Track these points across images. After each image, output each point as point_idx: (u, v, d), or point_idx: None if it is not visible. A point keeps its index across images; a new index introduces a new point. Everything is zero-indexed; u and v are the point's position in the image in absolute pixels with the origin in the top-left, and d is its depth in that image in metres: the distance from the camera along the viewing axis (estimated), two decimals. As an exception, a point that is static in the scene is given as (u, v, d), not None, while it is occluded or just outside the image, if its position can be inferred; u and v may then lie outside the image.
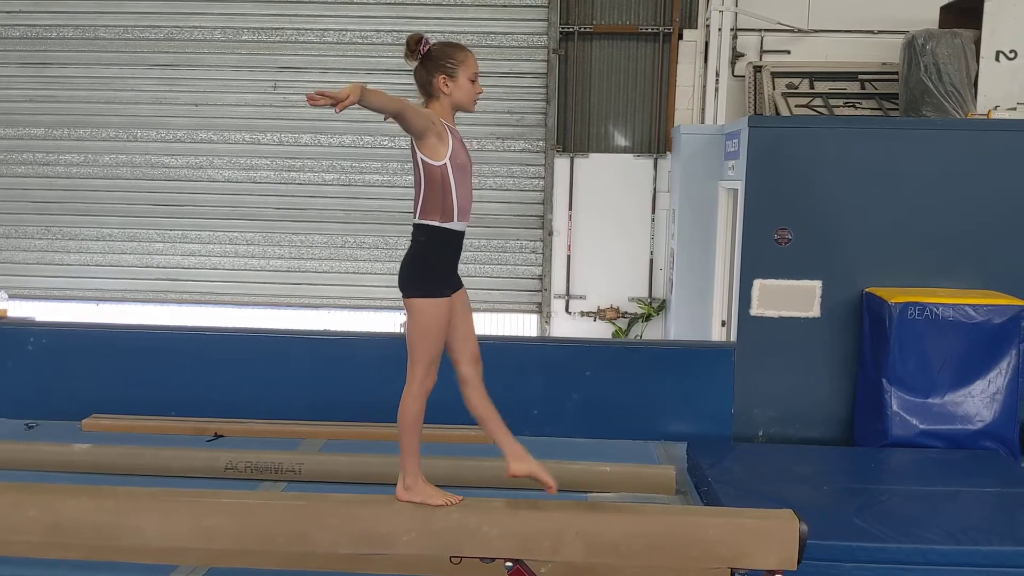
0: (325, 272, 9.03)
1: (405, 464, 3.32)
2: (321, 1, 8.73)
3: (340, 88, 2.94)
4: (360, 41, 8.76)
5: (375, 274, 8.99)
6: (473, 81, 3.44)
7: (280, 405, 5.86)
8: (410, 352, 3.38)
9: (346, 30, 8.77)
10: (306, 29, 8.78)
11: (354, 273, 9.01)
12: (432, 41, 3.43)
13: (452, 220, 3.33)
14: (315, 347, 6.10)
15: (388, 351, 6.06)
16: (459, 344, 3.46)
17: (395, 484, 3.29)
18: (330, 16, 8.75)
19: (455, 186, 3.31)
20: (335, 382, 5.91)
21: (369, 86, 3.04)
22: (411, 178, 9.74)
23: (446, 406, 3.75)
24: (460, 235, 3.41)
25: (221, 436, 5.66)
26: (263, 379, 5.94)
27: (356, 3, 8.73)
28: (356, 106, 2.96)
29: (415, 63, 3.42)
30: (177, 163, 9.01)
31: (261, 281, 9.07)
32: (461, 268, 3.53)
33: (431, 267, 3.34)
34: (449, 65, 3.39)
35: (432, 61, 3.40)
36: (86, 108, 9.00)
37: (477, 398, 3.46)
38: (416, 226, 3.37)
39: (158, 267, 9.16)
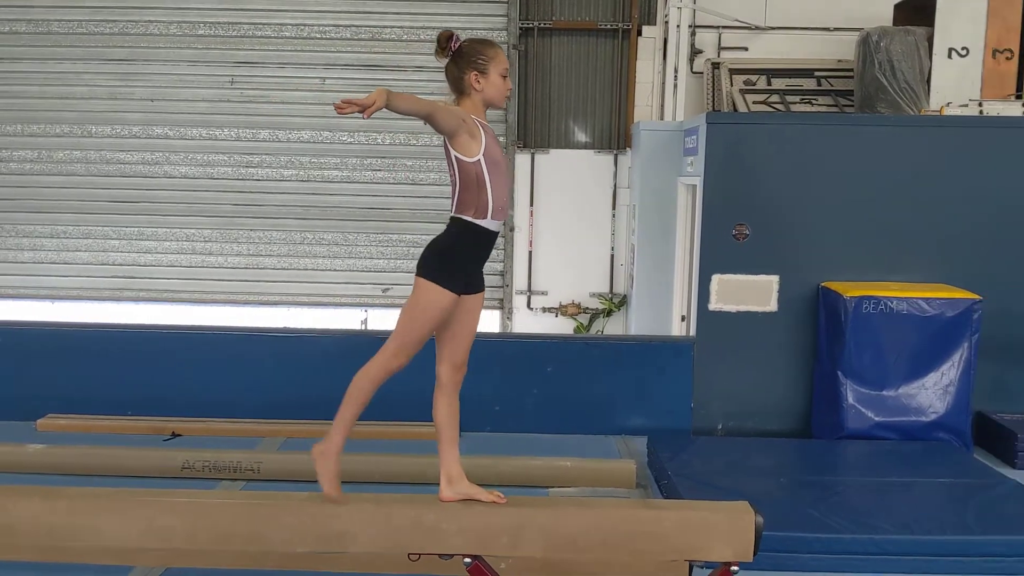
0: (284, 269, 8.96)
1: (333, 435, 3.31)
2: (278, -5, 8.66)
3: (366, 95, 2.95)
4: (319, 36, 8.70)
5: (335, 271, 8.95)
6: (504, 77, 3.43)
7: (239, 403, 5.81)
8: (395, 330, 3.35)
9: (304, 24, 8.70)
10: (263, 23, 8.70)
11: (313, 270, 8.96)
12: (462, 38, 3.42)
13: (486, 217, 3.30)
14: (274, 344, 6.06)
15: (348, 348, 6.04)
16: (449, 345, 3.43)
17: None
18: (288, 10, 8.68)
19: (490, 183, 3.29)
20: (294, 380, 5.87)
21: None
22: (371, 174, 9.77)
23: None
24: (493, 235, 3.37)
25: (179, 435, 5.61)
26: (222, 377, 5.89)
27: (314, -3, 8.67)
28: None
29: (445, 60, 3.41)
30: (132, 159, 8.90)
31: (219, 278, 8.99)
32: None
33: (453, 257, 3.31)
34: (480, 61, 3.38)
35: (463, 58, 3.39)
36: (39, 104, 8.86)
37: (443, 405, 3.44)
38: (452, 218, 3.34)
39: (114, 264, 9.04)
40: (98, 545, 3.17)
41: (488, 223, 3.32)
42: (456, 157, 3.28)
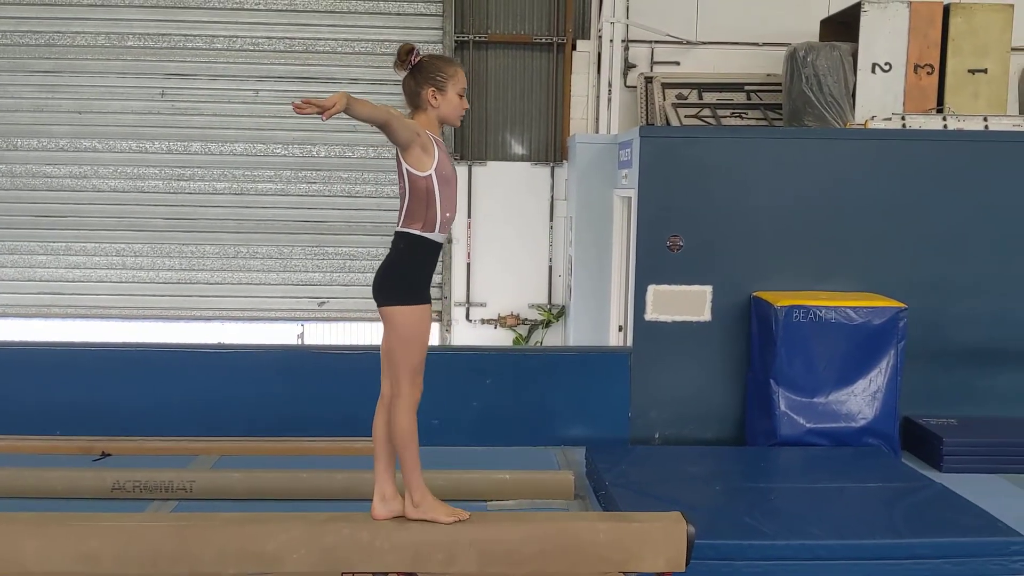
0: (217, 283, 8.82)
1: (410, 481, 3.26)
2: (210, 7, 8.54)
3: (327, 96, 2.93)
4: (251, 48, 8.61)
5: (269, 284, 8.84)
6: (461, 96, 3.42)
7: (172, 421, 5.69)
8: (391, 365, 3.33)
9: (236, 36, 8.59)
10: (194, 35, 8.58)
11: (247, 284, 8.83)
12: (423, 53, 3.41)
13: (434, 231, 3.31)
14: (208, 361, 5.95)
15: (284, 363, 5.98)
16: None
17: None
18: (219, 22, 8.57)
19: (439, 197, 3.29)
20: (228, 396, 5.77)
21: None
22: (306, 186, 9.68)
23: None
24: (439, 246, 3.39)
25: (109, 455, 5.46)
26: (153, 395, 5.76)
27: (247, 9, 8.58)
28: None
29: (403, 73, 3.39)
30: (59, 172, 8.69)
31: (151, 293, 8.81)
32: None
33: (409, 274, 3.31)
34: (439, 78, 3.38)
35: (422, 73, 3.38)
36: (-39, 116, 8.61)
37: (383, 422, 3.43)
38: (397, 234, 3.34)
39: (40, 280, 8.81)
40: (22, 571, 3.08)
41: (435, 236, 3.33)
42: (408, 170, 3.28)
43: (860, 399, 5.59)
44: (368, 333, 8.90)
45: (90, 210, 8.72)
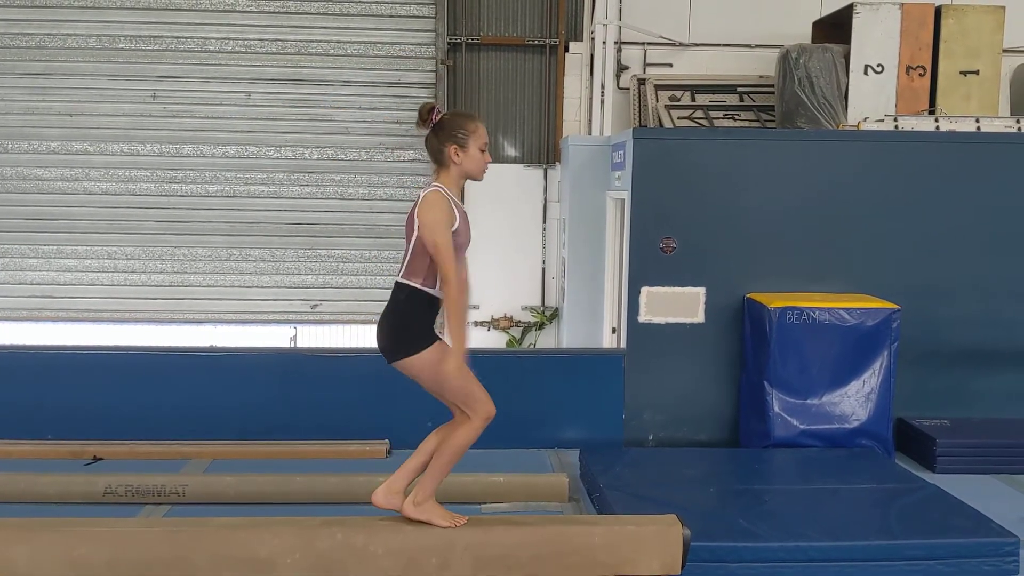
0: (209, 286, 8.79)
1: (427, 484, 3.28)
2: (202, 9, 8.52)
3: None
4: (243, 50, 8.59)
5: (262, 287, 8.81)
6: (483, 151, 3.43)
7: (164, 425, 5.67)
8: (451, 399, 3.37)
9: (228, 38, 8.57)
10: (186, 37, 8.56)
11: (240, 287, 8.80)
12: (443, 111, 3.42)
13: (435, 287, 3.31)
14: (200, 364, 5.93)
15: (276, 366, 5.97)
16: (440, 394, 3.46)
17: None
18: (211, 24, 8.55)
19: None
20: (221, 399, 5.75)
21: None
22: (299, 189, 9.64)
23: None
24: (439, 300, 3.40)
25: (100, 459, 5.44)
26: (145, 398, 5.74)
27: (239, 11, 8.56)
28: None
29: (426, 131, 3.40)
30: (51, 175, 8.66)
31: (142, 296, 8.78)
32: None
33: (411, 325, 3.32)
34: (460, 135, 3.39)
35: (443, 131, 3.40)
36: (-49, 119, 8.57)
37: (438, 439, 3.46)
38: (397, 284, 3.35)
39: (32, 284, 8.77)
40: (13, 577, 3.06)
41: (436, 292, 3.34)
42: (422, 235, 3.28)
43: (854, 400, 5.60)
44: (361, 335, 8.89)
45: (81, 213, 8.69)
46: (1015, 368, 6.04)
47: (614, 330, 7.16)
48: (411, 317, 3.33)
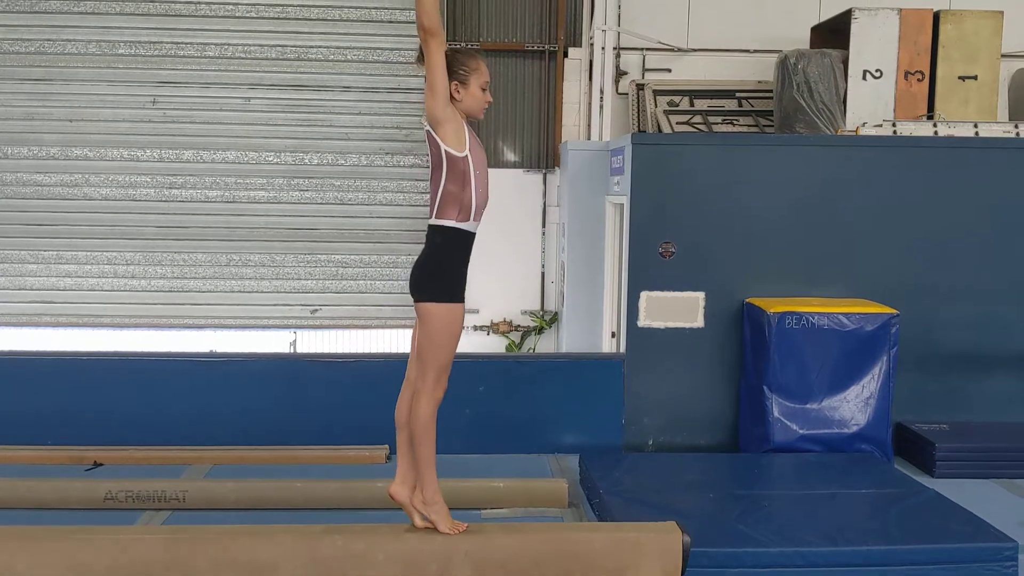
0: (209, 291, 8.79)
1: (423, 475, 3.26)
2: (201, 15, 8.53)
3: None
4: (243, 55, 8.59)
5: (262, 292, 8.81)
6: (484, 90, 3.43)
7: (164, 430, 5.68)
8: (421, 358, 3.32)
9: (228, 44, 8.58)
10: (186, 43, 8.56)
11: (240, 292, 8.80)
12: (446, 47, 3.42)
13: (469, 219, 3.32)
14: (200, 369, 5.94)
15: (276, 371, 5.98)
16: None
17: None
18: (211, 30, 8.55)
19: (475, 180, 3.29)
20: (221, 405, 5.77)
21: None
22: (299, 194, 9.63)
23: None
24: (473, 236, 3.40)
25: (101, 464, 5.45)
26: (145, 404, 5.75)
27: (238, 16, 8.56)
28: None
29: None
30: (51, 181, 8.65)
31: (142, 302, 8.77)
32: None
33: (447, 270, 3.31)
34: (462, 72, 3.39)
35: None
36: (-49, 125, 8.57)
37: (407, 408, 3.43)
38: (432, 228, 3.34)
39: (31, 289, 8.76)
40: (13, 584, 3.07)
41: (470, 225, 3.35)
42: (446, 151, 3.28)
43: (853, 405, 5.61)
44: (361, 340, 8.89)
45: (81, 218, 8.69)
46: (1013, 372, 6.06)
47: (613, 335, 7.17)
48: (446, 261, 3.32)
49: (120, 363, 5.96)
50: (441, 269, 3.31)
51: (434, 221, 3.33)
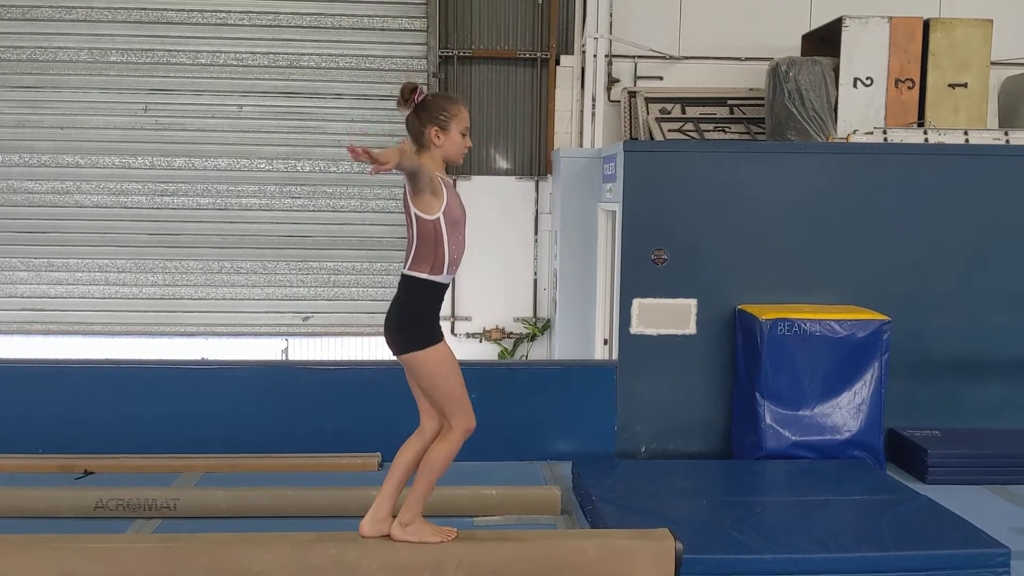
0: (201, 299, 8.77)
1: (412, 505, 3.28)
2: (193, 22, 8.53)
3: (383, 150, 2.98)
4: (235, 63, 8.59)
5: (253, 300, 8.79)
6: (464, 135, 3.45)
7: (155, 438, 5.65)
8: (437, 402, 3.35)
9: (220, 51, 8.57)
10: (178, 50, 8.55)
11: (231, 299, 8.79)
12: (426, 92, 3.45)
13: (441, 273, 3.33)
14: (191, 377, 5.92)
15: (269, 379, 5.96)
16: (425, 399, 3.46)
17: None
18: (203, 37, 8.55)
19: (447, 240, 3.33)
20: (212, 413, 5.74)
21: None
22: (291, 201, 9.64)
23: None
24: (445, 287, 3.42)
25: (91, 473, 5.42)
26: (136, 412, 5.72)
27: (230, 24, 8.56)
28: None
29: (407, 111, 3.41)
30: (42, 188, 8.63)
31: (133, 309, 8.75)
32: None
33: (423, 320, 3.33)
34: (443, 118, 3.40)
35: (426, 112, 3.41)
36: (-59, 132, 8.55)
37: (414, 452, 3.45)
38: (404, 277, 3.36)
39: (22, 297, 8.73)
40: (3, 594, 3.05)
41: (442, 278, 3.35)
42: (416, 214, 3.30)
43: (845, 411, 5.62)
44: (353, 348, 8.88)
45: (72, 226, 8.67)
46: (1005, 378, 6.07)
47: (606, 342, 7.17)
48: (418, 310, 3.34)
49: (111, 371, 5.93)
50: (416, 317, 3.34)
51: (407, 272, 3.36)
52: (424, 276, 3.31)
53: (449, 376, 3.34)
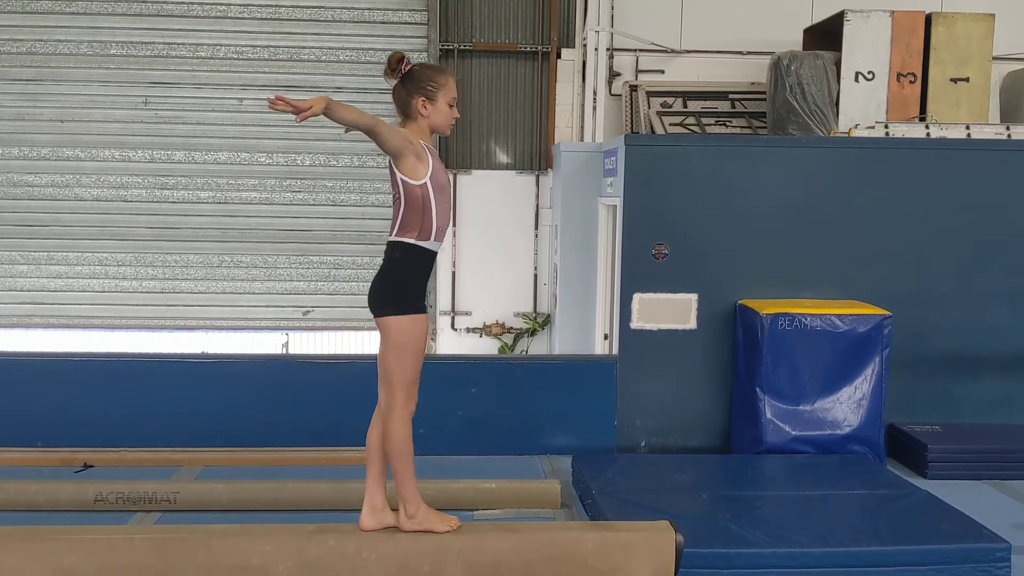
0: (201, 292, 8.77)
1: (404, 492, 3.26)
2: (193, 15, 8.52)
3: (305, 99, 2.91)
4: (235, 56, 8.58)
5: (254, 294, 8.79)
6: (451, 106, 3.42)
7: (155, 432, 5.65)
8: (387, 374, 3.32)
9: (220, 45, 8.56)
10: (178, 43, 8.55)
11: (231, 293, 8.79)
12: (413, 62, 3.41)
13: (429, 240, 3.31)
14: (191, 370, 5.91)
15: (269, 373, 5.95)
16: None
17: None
18: (203, 30, 8.54)
19: (435, 206, 3.29)
20: (213, 406, 5.74)
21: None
22: (291, 195, 9.65)
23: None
24: (434, 254, 3.39)
25: (91, 466, 5.42)
26: (136, 405, 5.72)
27: (230, 17, 8.55)
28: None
29: (394, 81, 3.38)
30: (41, 181, 8.63)
31: (133, 303, 8.75)
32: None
33: (407, 283, 3.30)
34: (430, 88, 3.37)
35: (412, 82, 3.38)
36: (-60, 125, 8.54)
37: (379, 433, 3.43)
38: (391, 243, 3.33)
39: (21, 290, 8.74)
40: (1, 586, 3.05)
41: (429, 244, 3.33)
42: (402, 179, 3.27)
43: (845, 406, 5.61)
44: (353, 342, 8.88)
45: (72, 219, 8.67)
46: (1005, 373, 6.06)
47: (606, 336, 7.16)
48: (403, 276, 3.31)
49: (111, 364, 5.92)
50: (401, 281, 3.30)
51: (393, 238, 3.32)
52: (411, 241, 3.28)
53: (408, 352, 3.30)
